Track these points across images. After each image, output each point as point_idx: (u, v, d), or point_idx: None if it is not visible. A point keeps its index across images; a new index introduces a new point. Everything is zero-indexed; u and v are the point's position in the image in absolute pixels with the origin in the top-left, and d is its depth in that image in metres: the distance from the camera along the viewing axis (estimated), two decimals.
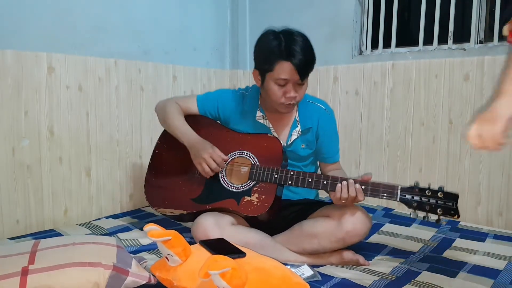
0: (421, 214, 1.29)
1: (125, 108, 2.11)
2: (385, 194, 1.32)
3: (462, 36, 2.10)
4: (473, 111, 1.94)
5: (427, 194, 1.29)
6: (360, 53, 2.33)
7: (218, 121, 1.66)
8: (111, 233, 1.72)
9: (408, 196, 1.30)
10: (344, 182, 1.35)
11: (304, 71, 1.42)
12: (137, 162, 2.16)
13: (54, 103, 1.81)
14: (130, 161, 2.15)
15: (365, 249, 1.57)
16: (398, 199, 1.31)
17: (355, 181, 1.35)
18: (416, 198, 1.29)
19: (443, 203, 1.27)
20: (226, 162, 1.51)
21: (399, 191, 1.31)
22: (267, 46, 1.44)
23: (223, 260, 1.01)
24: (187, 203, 1.54)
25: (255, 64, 1.51)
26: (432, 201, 1.28)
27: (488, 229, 1.83)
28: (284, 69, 1.40)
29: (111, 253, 1.21)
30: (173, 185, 1.60)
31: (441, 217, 1.26)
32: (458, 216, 1.25)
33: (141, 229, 1.70)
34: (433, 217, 1.28)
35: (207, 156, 1.46)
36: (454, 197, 1.26)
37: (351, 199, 1.34)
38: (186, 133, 1.55)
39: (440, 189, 1.28)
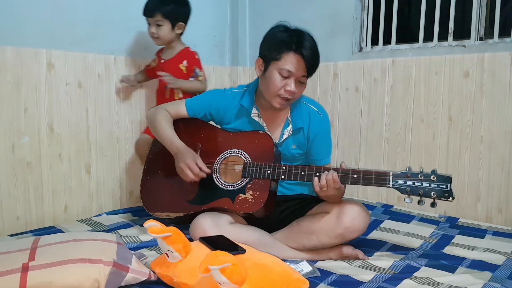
0: (415, 198, 1.27)
1: (125, 104, 2.10)
2: (377, 182, 1.30)
3: (462, 32, 2.09)
4: (473, 108, 1.94)
5: (419, 178, 1.27)
6: (360, 49, 2.33)
7: (210, 122, 1.65)
8: (111, 229, 1.72)
9: (400, 182, 1.28)
10: (324, 172, 1.35)
11: (310, 69, 1.44)
12: (137, 158, 2.16)
13: (53, 100, 1.81)
14: (130, 157, 2.15)
15: (365, 245, 1.57)
16: (391, 185, 1.29)
17: (335, 170, 1.35)
18: (409, 183, 1.27)
19: (437, 186, 1.24)
20: (205, 171, 1.49)
21: (391, 177, 1.29)
22: (278, 36, 1.45)
23: (223, 255, 1.01)
24: (183, 205, 1.54)
25: (261, 52, 1.50)
26: (426, 185, 1.25)
27: (487, 225, 1.83)
28: (292, 61, 1.41)
29: (111, 250, 1.21)
30: (168, 189, 1.60)
31: (435, 200, 1.24)
32: (453, 198, 1.23)
33: (141, 225, 1.71)
34: (428, 201, 1.26)
35: (184, 166, 1.47)
36: (447, 180, 1.24)
37: (330, 184, 1.33)
38: (172, 143, 1.55)
39: (433, 172, 1.27)
